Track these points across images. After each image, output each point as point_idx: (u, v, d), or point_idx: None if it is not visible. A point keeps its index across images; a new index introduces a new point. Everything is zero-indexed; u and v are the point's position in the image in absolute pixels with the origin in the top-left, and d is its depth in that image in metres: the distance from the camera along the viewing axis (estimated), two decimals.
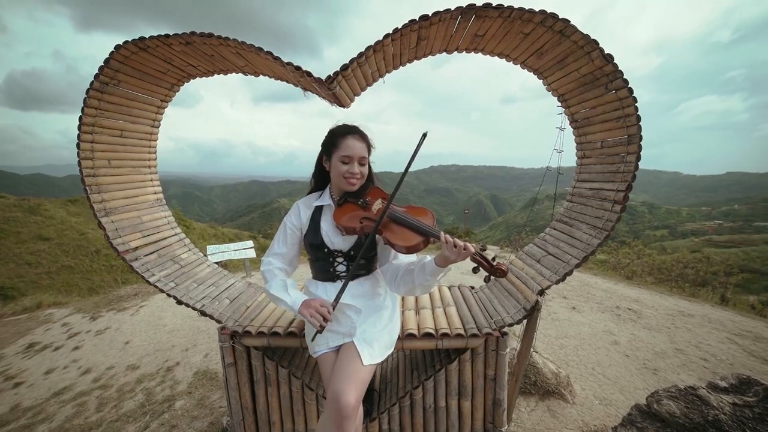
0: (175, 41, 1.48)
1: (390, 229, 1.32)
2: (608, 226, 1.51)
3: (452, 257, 1.20)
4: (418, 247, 1.26)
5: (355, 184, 1.41)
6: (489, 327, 1.61)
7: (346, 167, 1.39)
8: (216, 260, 7.53)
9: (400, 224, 1.33)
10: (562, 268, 1.58)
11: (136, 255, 1.66)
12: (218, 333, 1.58)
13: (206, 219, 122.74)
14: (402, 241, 1.28)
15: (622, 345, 3.72)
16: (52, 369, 3.15)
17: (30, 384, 2.88)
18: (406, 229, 1.31)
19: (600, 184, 1.70)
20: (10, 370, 3.14)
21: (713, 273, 10.71)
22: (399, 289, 1.39)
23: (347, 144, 1.39)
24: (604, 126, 1.65)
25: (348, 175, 1.39)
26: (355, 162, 1.39)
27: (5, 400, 2.63)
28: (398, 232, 1.31)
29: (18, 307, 5.89)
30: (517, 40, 1.62)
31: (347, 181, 1.40)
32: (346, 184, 1.41)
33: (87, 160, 1.58)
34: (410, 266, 1.36)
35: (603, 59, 1.39)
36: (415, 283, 1.31)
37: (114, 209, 1.67)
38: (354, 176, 1.39)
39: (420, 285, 1.31)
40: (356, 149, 1.39)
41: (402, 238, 1.29)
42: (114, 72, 1.55)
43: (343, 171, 1.39)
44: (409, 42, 1.54)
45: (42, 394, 2.70)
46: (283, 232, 1.51)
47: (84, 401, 2.57)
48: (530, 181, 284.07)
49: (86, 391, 2.72)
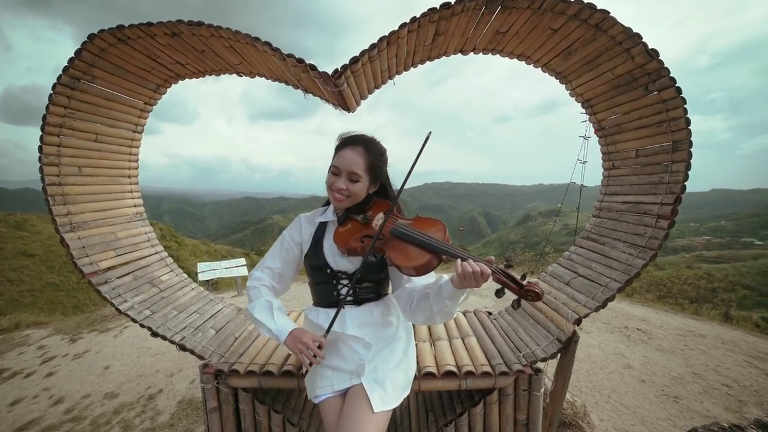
0: (160, 31, 1.29)
1: (393, 247, 1.10)
2: (654, 244, 1.32)
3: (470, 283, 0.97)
4: (428, 266, 1.04)
5: (341, 201, 1.21)
6: (519, 362, 1.37)
7: (333, 179, 1.20)
8: (207, 278, 7.21)
9: (404, 240, 1.10)
10: (600, 292, 1.38)
11: (106, 277, 1.41)
12: (200, 371, 1.32)
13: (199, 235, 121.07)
14: (407, 261, 1.05)
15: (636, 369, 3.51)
16: (20, 399, 2.86)
17: None
18: (411, 246, 1.08)
19: (637, 197, 1.52)
20: None
21: (712, 290, 10.62)
22: (416, 317, 1.16)
23: (341, 155, 1.20)
24: (641, 133, 1.49)
25: (333, 188, 1.20)
26: (343, 176, 1.18)
27: None
28: (402, 249, 1.08)
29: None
30: (542, 38, 1.47)
31: (333, 195, 1.21)
32: (333, 198, 1.22)
33: (51, 166, 1.35)
34: (427, 289, 1.14)
35: (646, 55, 1.23)
36: (433, 311, 1.09)
37: (82, 224, 1.43)
38: (340, 191, 1.19)
39: (439, 312, 1.09)
40: (347, 162, 1.18)
41: (407, 257, 1.06)
42: (88, 66, 1.35)
43: (330, 183, 1.20)
44: (425, 36, 1.38)
45: (4, 429, 2.45)
46: (280, 245, 1.30)
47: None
48: (523, 198, 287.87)
49: (56, 424, 2.47)
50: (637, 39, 1.23)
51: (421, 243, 1.06)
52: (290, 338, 1.11)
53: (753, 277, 29.25)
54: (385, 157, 1.27)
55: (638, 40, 1.23)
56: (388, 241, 1.11)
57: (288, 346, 1.11)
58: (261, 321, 1.16)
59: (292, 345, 1.10)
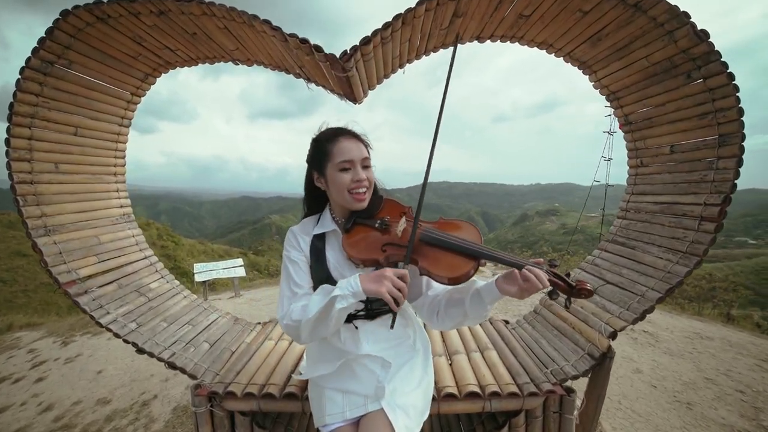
0: (144, 9, 1.14)
1: (426, 256, 0.97)
2: (698, 249, 1.19)
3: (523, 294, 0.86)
4: (468, 275, 0.93)
5: (364, 198, 1.05)
6: (548, 381, 1.24)
7: (349, 175, 1.02)
8: (203, 279, 7.05)
9: (440, 247, 0.98)
10: (636, 302, 1.24)
11: (86, 286, 1.26)
12: (191, 393, 1.17)
13: (196, 235, 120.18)
14: (447, 270, 0.93)
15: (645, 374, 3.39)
16: (7, 407, 2.71)
17: None
18: (449, 254, 0.96)
19: (672, 197, 1.39)
20: None
21: (711, 289, 10.59)
22: (444, 323, 1.04)
23: (342, 147, 1.03)
24: (677, 126, 1.36)
25: (354, 185, 1.02)
26: (359, 166, 1.03)
27: None
28: (439, 258, 0.96)
29: None
30: (569, 23, 1.34)
31: (353, 194, 1.03)
32: (353, 200, 1.04)
33: (21, 161, 1.20)
34: (455, 294, 1.02)
35: (694, 38, 1.10)
36: (467, 315, 0.97)
37: (59, 227, 1.28)
38: (361, 184, 1.03)
39: (474, 317, 0.98)
40: (354, 150, 1.03)
41: (447, 266, 0.93)
42: (63, 48, 1.19)
43: (347, 182, 1.02)
44: (442, 17, 1.24)
45: None
46: (295, 269, 1.09)
47: None
48: (520, 198, 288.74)
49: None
50: (683, 19, 1.09)
51: (461, 249, 0.95)
52: (366, 282, 0.89)
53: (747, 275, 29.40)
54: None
55: (685, 20, 1.09)
56: (418, 248, 0.98)
57: (369, 290, 0.88)
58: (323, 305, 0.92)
59: (376, 285, 0.87)
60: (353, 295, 0.90)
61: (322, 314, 0.92)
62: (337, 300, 0.90)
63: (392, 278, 0.87)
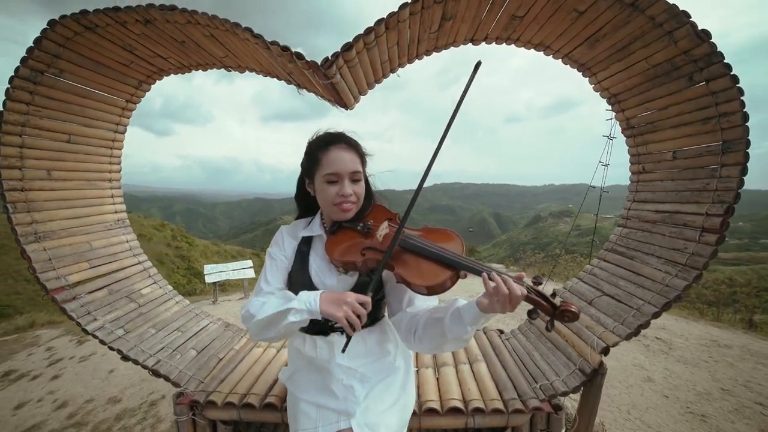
0: (130, 18, 1.14)
1: (404, 262, 0.94)
2: (698, 262, 1.12)
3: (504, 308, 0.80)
4: (444, 285, 0.89)
5: (349, 210, 1.02)
6: (536, 396, 1.19)
7: (335, 189, 1.00)
8: (213, 280, 7.17)
9: (417, 254, 0.95)
10: (631, 316, 1.18)
11: (75, 293, 1.27)
12: (173, 401, 1.17)
13: (210, 236, 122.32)
14: (422, 279, 0.89)
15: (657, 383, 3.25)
16: (24, 402, 2.80)
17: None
18: (426, 261, 0.93)
19: (673, 205, 1.32)
20: None
21: (732, 294, 10.17)
22: (422, 345, 0.98)
23: (331, 157, 0.99)
24: (680, 131, 1.29)
25: (339, 199, 1.00)
26: (346, 180, 1.00)
27: None
28: (416, 265, 0.93)
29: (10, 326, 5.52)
30: (565, 23, 1.29)
31: (339, 207, 1.01)
32: (338, 211, 1.02)
33: (12, 169, 1.22)
34: (435, 313, 0.96)
35: (695, 38, 1.04)
36: (447, 337, 0.91)
37: (50, 233, 1.30)
38: (347, 199, 1.00)
39: (455, 339, 0.91)
40: (344, 162, 1.00)
41: (422, 274, 0.90)
42: (52, 58, 1.21)
43: (332, 195, 1.00)
44: (430, 21, 1.21)
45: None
46: (272, 265, 1.10)
47: None
48: (532, 199, 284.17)
49: (57, 430, 2.41)
50: (683, 18, 1.03)
51: (439, 258, 0.91)
52: (325, 301, 0.88)
53: None
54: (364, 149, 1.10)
55: (685, 19, 1.03)
56: (396, 254, 0.96)
57: (327, 312, 0.87)
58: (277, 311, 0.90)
59: (334, 309, 0.85)
60: (308, 312, 0.89)
61: (273, 319, 0.91)
62: (291, 312, 0.89)
63: (352, 304, 0.85)
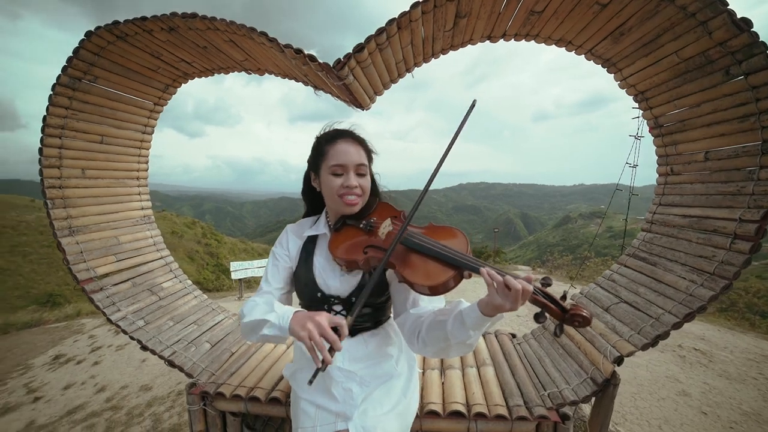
0: (155, 26, 1.21)
1: (406, 261, 0.91)
2: (727, 272, 1.04)
3: (505, 304, 0.76)
4: (447, 285, 0.85)
5: (355, 204, 1.02)
6: (542, 404, 1.14)
7: (340, 180, 1.00)
8: (239, 277, 7.44)
9: (419, 253, 0.91)
10: (649, 326, 1.11)
11: (102, 284, 1.36)
12: (186, 391, 1.23)
13: (237, 234, 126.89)
14: (424, 278, 0.86)
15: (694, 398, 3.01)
16: (71, 384, 3.08)
17: (48, 399, 2.83)
18: (428, 260, 0.89)
19: (703, 209, 1.23)
20: (33, 383, 3.13)
21: None
22: (425, 348, 0.96)
23: (337, 150, 1.01)
24: (713, 130, 1.20)
25: (344, 191, 1.00)
26: (351, 171, 1.01)
27: (23, 415, 2.62)
28: (418, 264, 0.90)
29: (61, 314, 6.06)
30: (587, 17, 1.23)
31: (343, 199, 1.01)
32: (343, 204, 1.01)
33: (52, 168, 1.32)
34: (439, 316, 0.94)
35: (732, 28, 0.96)
36: (450, 342, 0.88)
37: (82, 227, 1.39)
38: (352, 191, 1.01)
39: (458, 344, 0.88)
40: (350, 155, 1.01)
41: (424, 274, 0.87)
42: (88, 66, 1.30)
43: (337, 186, 1.00)
44: (444, 19, 1.19)
45: (57, 411, 2.64)
46: (273, 265, 1.12)
47: (93, 423, 2.46)
48: (561, 199, 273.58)
49: (98, 411, 2.62)
50: (719, 7, 0.96)
51: (442, 256, 0.87)
52: (294, 320, 0.83)
53: None
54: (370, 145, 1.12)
55: (721, 7, 0.95)
56: (399, 253, 0.93)
57: (294, 332, 0.82)
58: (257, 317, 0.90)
59: (298, 329, 0.80)
60: (279, 329, 0.87)
61: (254, 326, 0.92)
62: (266, 325, 0.88)
63: (321, 325, 0.77)
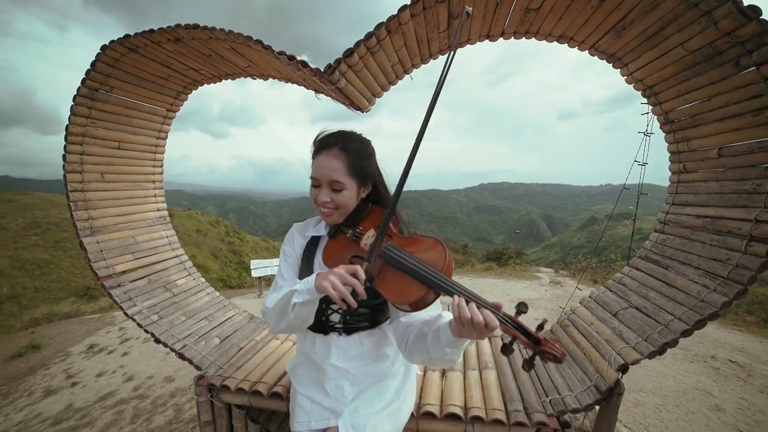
0: (162, 38, 1.28)
1: (383, 276, 0.88)
2: (742, 276, 0.98)
3: (469, 334, 0.75)
4: (423, 301, 0.81)
5: (329, 215, 1.03)
6: (543, 411, 1.12)
7: (314, 192, 1.03)
8: (259, 275, 7.66)
9: (395, 267, 0.87)
10: (657, 333, 1.06)
11: (120, 281, 1.46)
12: (194, 383, 1.30)
13: (259, 233, 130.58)
14: (398, 295, 0.83)
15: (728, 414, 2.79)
16: (103, 372, 3.32)
17: (83, 385, 3.07)
18: (404, 276, 0.85)
19: (717, 209, 1.17)
20: (71, 369, 3.43)
21: None
22: (412, 357, 0.97)
23: (317, 162, 1.01)
24: (726, 125, 1.14)
25: (317, 203, 1.02)
26: (324, 188, 1.00)
27: (63, 398, 2.87)
28: (393, 279, 0.86)
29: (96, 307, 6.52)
30: (586, 12, 1.19)
31: (319, 210, 1.04)
32: (322, 215, 1.05)
33: (75, 173, 1.43)
34: (425, 327, 0.93)
35: (739, 16, 0.91)
36: (431, 355, 0.87)
37: (102, 228, 1.50)
38: (324, 205, 1.01)
39: (439, 359, 0.86)
40: (324, 169, 0.99)
41: (398, 290, 0.83)
42: (104, 77, 1.40)
43: (312, 197, 1.04)
44: (437, 21, 1.19)
45: (91, 396, 2.86)
46: (285, 261, 1.15)
47: (122, 410, 2.64)
48: (587, 200, 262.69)
49: (126, 399, 2.81)
50: None
51: (415, 274, 0.83)
52: (318, 279, 0.86)
53: None
54: (369, 152, 1.05)
55: None
56: (379, 267, 0.90)
57: (318, 286, 0.85)
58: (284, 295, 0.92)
59: (321, 280, 0.84)
60: (308, 292, 0.88)
61: (282, 305, 0.92)
62: (294, 294, 0.89)
63: (340, 273, 0.82)
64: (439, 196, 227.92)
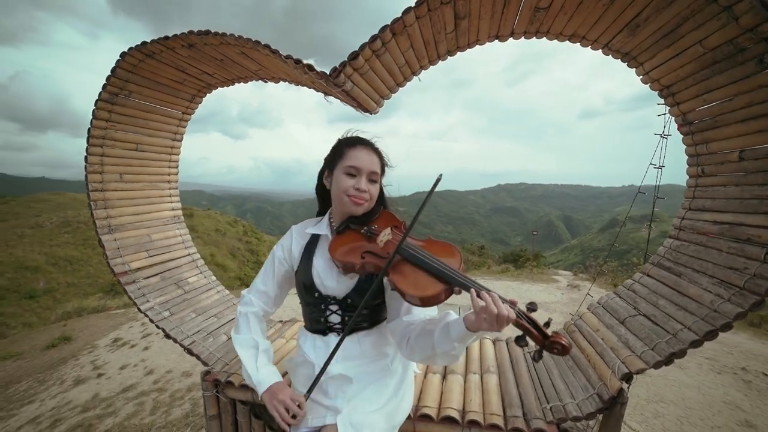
0: (176, 44, 1.33)
1: (400, 271, 0.95)
2: (759, 286, 0.93)
3: (488, 325, 0.80)
4: (437, 298, 0.89)
5: (361, 205, 1.06)
6: (543, 418, 1.09)
7: (352, 182, 1.05)
8: None
9: (414, 265, 0.95)
10: (665, 342, 1.02)
11: (135, 277, 1.52)
12: (201, 378, 1.34)
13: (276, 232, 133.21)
14: (415, 289, 0.90)
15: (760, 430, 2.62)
16: (126, 365, 3.50)
17: (108, 376, 3.26)
18: (422, 273, 0.94)
19: (736, 215, 1.11)
20: (98, 361, 3.64)
21: None
22: (413, 355, 1.00)
23: (356, 153, 1.07)
24: (748, 126, 1.08)
25: (353, 192, 1.04)
26: (364, 177, 1.06)
27: (90, 387, 3.06)
28: (411, 275, 0.94)
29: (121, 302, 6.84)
30: (597, 10, 1.16)
31: (352, 200, 1.05)
32: (350, 203, 1.06)
33: (95, 173, 1.50)
34: (428, 325, 0.97)
35: (762, 11, 0.86)
36: (435, 351, 0.91)
37: (119, 226, 1.56)
38: (361, 195, 1.05)
39: (443, 354, 0.91)
40: (366, 161, 1.06)
41: (416, 285, 0.91)
42: (123, 82, 1.46)
43: (347, 187, 1.05)
44: (442, 22, 1.18)
45: (115, 387, 3.03)
46: (270, 264, 1.20)
47: (143, 401, 2.77)
48: (608, 201, 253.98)
49: (146, 391, 2.94)
50: None
51: (434, 270, 0.92)
52: (267, 394, 1.04)
53: None
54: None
55: None
56: (395, 263, 0.97)
57: (264, 401, 1.04)
58: (243, 362, 1.12)
59: (268, 401, 1.03)
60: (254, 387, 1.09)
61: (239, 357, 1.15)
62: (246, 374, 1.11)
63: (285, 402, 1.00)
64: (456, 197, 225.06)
